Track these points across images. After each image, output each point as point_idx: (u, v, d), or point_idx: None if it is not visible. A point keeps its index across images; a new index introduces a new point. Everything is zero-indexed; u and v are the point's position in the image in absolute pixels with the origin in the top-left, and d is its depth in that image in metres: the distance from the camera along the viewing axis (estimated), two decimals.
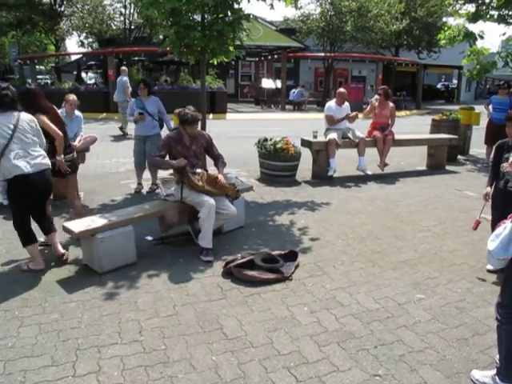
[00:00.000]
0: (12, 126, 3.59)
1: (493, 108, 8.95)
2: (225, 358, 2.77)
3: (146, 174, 6.79)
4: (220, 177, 4.41)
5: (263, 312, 3.32)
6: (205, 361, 2.75)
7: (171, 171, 4.76)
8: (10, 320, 3.15)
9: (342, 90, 8.03)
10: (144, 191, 6.57)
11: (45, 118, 4.07)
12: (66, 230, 3.92)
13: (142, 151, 6.47)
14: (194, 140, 4.53)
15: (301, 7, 23.93)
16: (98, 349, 2.84)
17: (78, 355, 2.77)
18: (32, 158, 3.70)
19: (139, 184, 6.63)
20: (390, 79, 25.96)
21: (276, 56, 24.84)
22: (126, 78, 11.99)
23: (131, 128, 7.11)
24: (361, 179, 7.47)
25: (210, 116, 16.17)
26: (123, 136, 11.90)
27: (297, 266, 4.07)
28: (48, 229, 4.15)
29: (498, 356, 2.56)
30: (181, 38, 5.97)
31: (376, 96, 8.31)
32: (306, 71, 29.43)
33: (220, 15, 6.15)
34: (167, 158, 4.51)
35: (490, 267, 3.93)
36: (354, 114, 7.60)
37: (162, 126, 6.66)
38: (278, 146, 6.91)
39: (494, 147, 4.10)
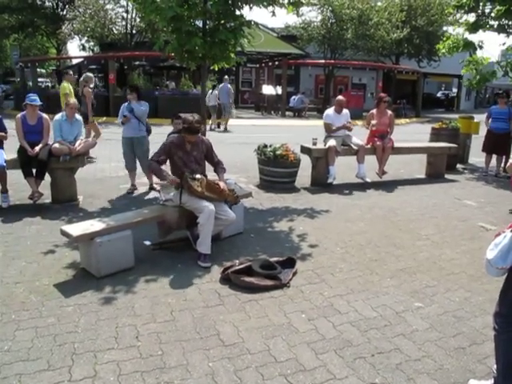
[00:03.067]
0: None
1: (492, 118, 9.01)
2: (221, 365, 2.76)
3: (144, 179, 6.82)
4: (221, 184, 4.42)
5: (260, 319, 3.31)
6: (201, 367, 2.74)
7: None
8: (6, 323, 3.14)
9: (340, 97, 8.05)
10: (136, 192, 6.65)
11: None
12: (63, 233, 3.91)
13: (130, 153, 6.59)
14: (195, 146, 4.53)
15: (302, 14, 24.13)
16: (94, 353, 2.83)
17: (74, 360, 2.76)
18: None
19: (132, 185, 6.69)
20: (390, 87, 26.08)
21: (277, 62, 24.98)
22: (229, 85, 15.39)
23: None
24: (360, 187, 7.48)
25: (210, 121, 16.19)
26: (224, 130, 15.44)
27: (295, 273, 4.06)
28: None
29: (495, 366, 2.55)
30: (182, 44, 5.99)
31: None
32: (307, 78, 29.56)
33: (222, 21, 6.18)
34: (168, 160, 4.51)
35: None
36: (348, 124, 7.59)
37: (149, 132, 6.72)
38: (278, 152, 6.93)
39: None
